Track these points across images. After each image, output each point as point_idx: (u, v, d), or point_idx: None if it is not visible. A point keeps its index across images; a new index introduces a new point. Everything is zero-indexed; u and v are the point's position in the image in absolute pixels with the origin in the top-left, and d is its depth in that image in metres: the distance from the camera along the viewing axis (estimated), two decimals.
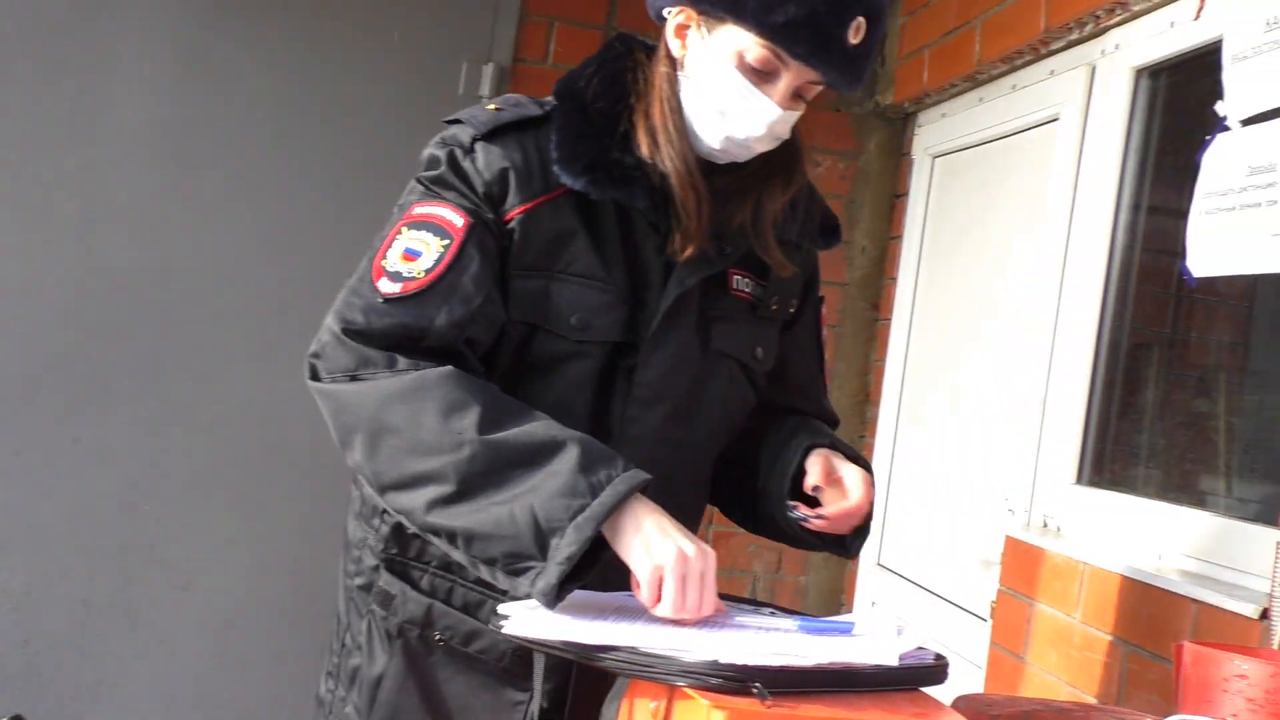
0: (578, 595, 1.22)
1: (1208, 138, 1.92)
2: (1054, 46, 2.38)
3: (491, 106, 1.41)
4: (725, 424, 1.52)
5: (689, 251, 1.37)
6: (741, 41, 1.29)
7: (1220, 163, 1.89)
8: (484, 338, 1.35)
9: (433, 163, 1.39)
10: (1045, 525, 2.18)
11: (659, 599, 1.18)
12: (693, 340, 1.43)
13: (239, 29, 2.84)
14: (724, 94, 1.32)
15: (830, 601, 3.15)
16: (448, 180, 1.36)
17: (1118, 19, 2.17)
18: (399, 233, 1.35)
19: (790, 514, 1.41)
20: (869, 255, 3.17)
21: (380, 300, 1.31)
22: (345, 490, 1.57)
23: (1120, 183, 2.14)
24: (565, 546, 1.18)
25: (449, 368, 1.28)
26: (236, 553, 2.84)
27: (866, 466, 1.44)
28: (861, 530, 1.43)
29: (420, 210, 1.35)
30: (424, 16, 2.93)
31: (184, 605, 2.82)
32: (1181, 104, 2.11)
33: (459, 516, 1.23)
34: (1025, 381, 2.31)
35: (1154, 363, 2.14)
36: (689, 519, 1.46)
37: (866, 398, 3.17)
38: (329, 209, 2.86)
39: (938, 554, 2.64)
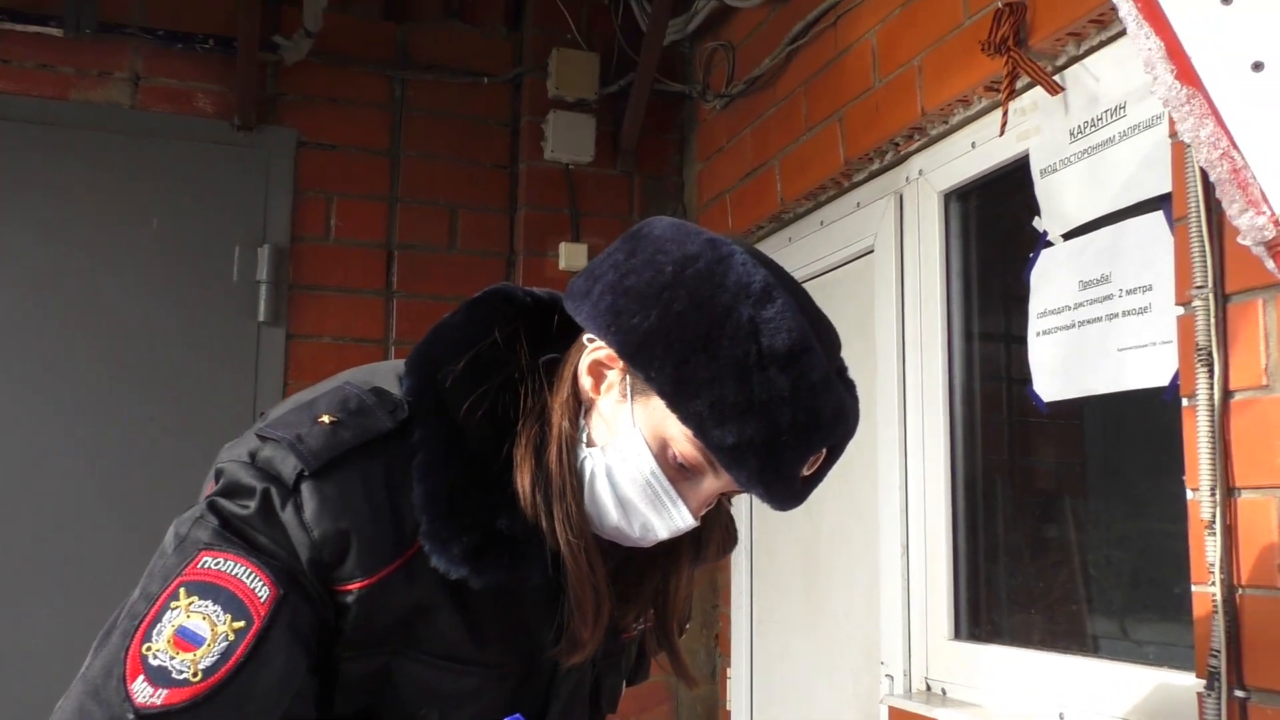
0: None
1: (1032, 255, 1.83)
2: (857, 178, 2.30)
3: (326, 419, 0.98)
4: None
5: (576, 659, 1.03)
6: (671, 429, 0.96)
7: (1049, 279, 1.79)
8: None
9: (235, 490, 0.96)
10: (929, 689, 1.97)
11: None
12: (585, 707, 1.16)
13: None
14: (631, 484, 0.99)
15: None
16: (253, 530, 0.94)
17: (917, 144, 2.10)
18: (173, 595, 0.91)
19: None
20: None
21: (131, 717, 0.87)
22: None
23: (948, 310, 2.04)
24: None
25: None
26: None
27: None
28: None
29: (209, 564, 0.92)
30: (185, 200, 2.65)
31: None
32: (994, 223, 2.03)
33: None
34: (882, 527, 2.13)
35: (1011, 495, 1.99)
36: None
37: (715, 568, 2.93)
38: (109, 447, 2.50)
39: None
